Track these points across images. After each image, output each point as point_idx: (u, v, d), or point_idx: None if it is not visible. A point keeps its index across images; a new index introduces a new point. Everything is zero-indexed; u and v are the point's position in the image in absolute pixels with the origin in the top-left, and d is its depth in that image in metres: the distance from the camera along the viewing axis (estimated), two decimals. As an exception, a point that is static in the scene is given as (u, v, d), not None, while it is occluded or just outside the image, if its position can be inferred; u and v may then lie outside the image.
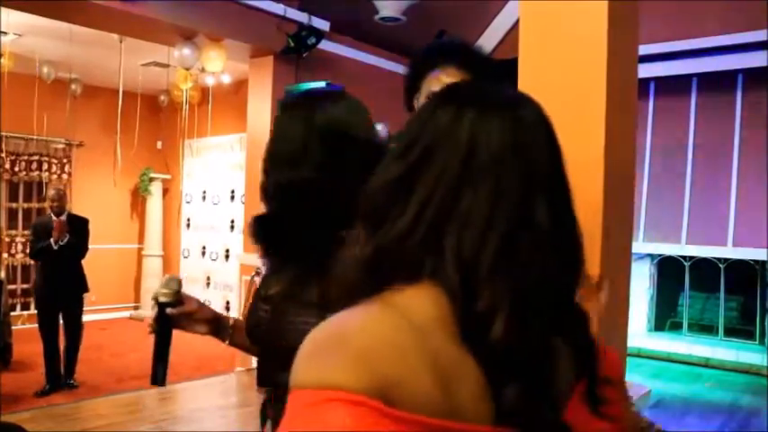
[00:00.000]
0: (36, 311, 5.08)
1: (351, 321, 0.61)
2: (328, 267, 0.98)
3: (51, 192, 5.16)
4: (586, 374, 0.69)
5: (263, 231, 1.18)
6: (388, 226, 0.66)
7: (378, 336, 0.59)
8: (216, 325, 1.37)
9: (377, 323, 0.61)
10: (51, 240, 4.81)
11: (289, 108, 1.22)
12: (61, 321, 4.99)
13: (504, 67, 1.94)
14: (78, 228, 5.00)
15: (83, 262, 5.10)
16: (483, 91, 0.73)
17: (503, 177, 0.65)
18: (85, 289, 5.10)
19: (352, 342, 0.58)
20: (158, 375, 1.32)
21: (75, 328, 5.00)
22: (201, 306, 1.35)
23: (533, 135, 0.69)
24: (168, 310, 1.30)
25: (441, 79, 1.62)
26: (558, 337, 0.66)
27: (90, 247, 5.19)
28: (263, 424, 1.28)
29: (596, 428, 0.69)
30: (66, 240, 4.86)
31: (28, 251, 5.78)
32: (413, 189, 0.66)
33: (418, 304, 0.63)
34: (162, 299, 1.30)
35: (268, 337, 1.18)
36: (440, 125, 0.68)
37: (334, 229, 0.97)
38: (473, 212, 0.64)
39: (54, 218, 4.95)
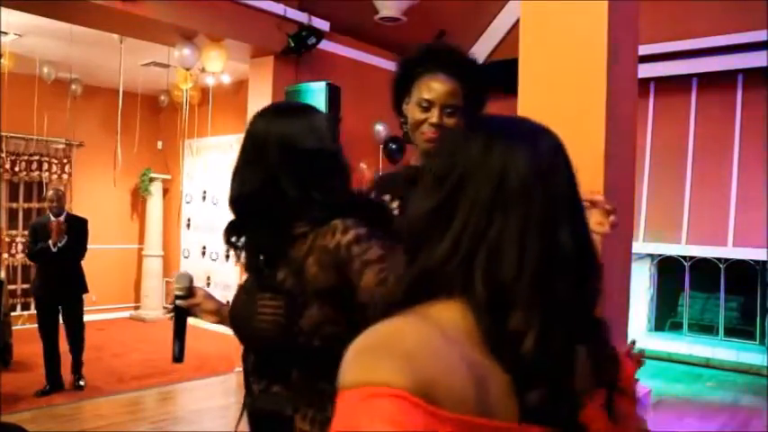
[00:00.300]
0: (36, 312, 5.07)
1: (392, 329, 0.68)
2: (285, 259, 1.27)
3: (50, 192, 5.14)
4: (605, 383, 0.76)
5: (227, 234, 1.36)
6: (429, 251, 0.73)
7: (418, 340, 0.66)
8: (220, 315, 1.53)
9: (415, 330, 0.68)
10: (50, 242, 4.81)
11: (252, 123, 1.35)
12: (62, 322, 4.99)
13: (492, 73, 1.95)
14: (77, 228, 4.99)
15: (82, 262, 5.09)
16: (508, 122, 0.81)
17: (531, 203, 0.72)
18: (85, 290, 5.09)
19: (396, 346, 0.65)
20: (175, 353, 1.55)
21: (76, 329, 4.98)
22: (206, 298, 1.54)
23: (555, 162, 0.76)
24: (178, 302, 1.52)
25: (430, 85, 1.66)
26: (580, 347, 0.73)
27: (90, 247, 5.18)
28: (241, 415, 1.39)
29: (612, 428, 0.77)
30: (64, 242, 4.85)
31: (26, 252, 5.77)
32: (450, 216, 0.73)
33: (448, 317, 0.70)
34: (175, 292, 1.54)
35: (238, 321, 1.37)
36: (472, 156, 0.74)
37: (286, 226, 1.26)
38: (504, 236, 0.70)
39: (52, 219, 4.94)
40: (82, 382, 5.01)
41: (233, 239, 1.35)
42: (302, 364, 1.26)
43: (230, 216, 1.37)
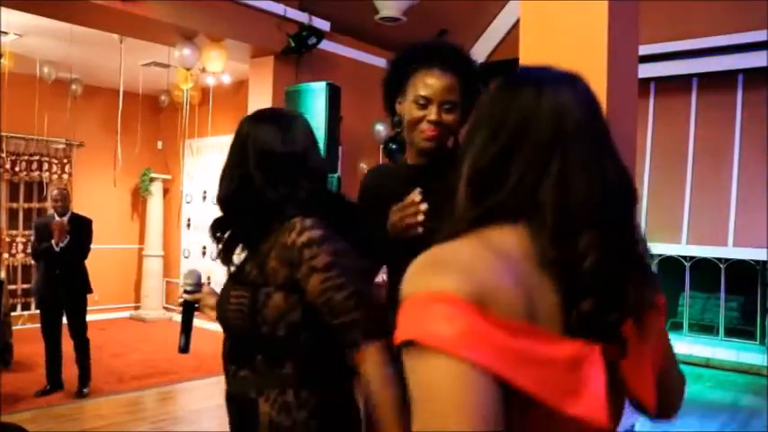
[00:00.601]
0: (39, 312, 5.03)
1: (452, 247, 0.79)
2: (255, 253, 1.38)
3: (55, 192, 5.10)
4: (646, 302, 0.84)
5: (213, 230, 1.48)
6: (498, 187, 0.82)
7: (475, 256, 0.76)
8: None
9: (474, 248, 0.78)
10: (53, 242, 4.80)
11: (239, 126, 1.46)
12: (65, 322, 4.97)
13: (488, 70, 1.96)
14: (81, 228, 4.96)
15: (85, 262, 5.08)
16: (544, 70, 0.89)
17: (585, 138, 0.82)
18: (88, 290, 5.06)
19: (455, 261, 0.75)
20: (181, 345, 1.66)
21: (80, 332, 4.92)
22: (210, 294, 1.64)
23: (594, 101, 0.86)
24: (186, 296, 1.66)
25: (426, 81, 1.61)
26: (628, 265, 0.82)
27: (91, 247, 5.17)
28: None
29: (644, 349, 0.85)
30: (66, 242, 4.84)
31: (30, 251, 5.75)
32: (513, 160, 0.82)
33: (504, 240, 0.80)
34: (185, 287, 1.67)
35: (217, 310, 1.46)
36: (525, 103, 0.83)
37: (264, 224, 1.36)
38: (567, 169, 0.80)
39: (56, 218, 4.92)
40: (86, 390, 4.93)
41: (218, 234, 1.46)
42: (266, 350, 1.34)
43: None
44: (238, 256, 1.46)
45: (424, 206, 1.51)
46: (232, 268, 1.44)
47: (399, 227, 1.57)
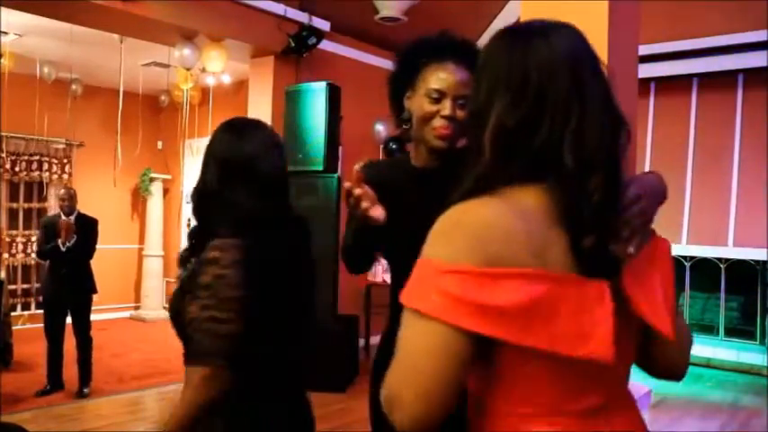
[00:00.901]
0: (42, 312, 5.01)
1: (473, 208, 0.85)
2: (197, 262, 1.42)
3: (62, 191, 5.09)
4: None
5: (189, 232, 1.55)
6: (522, 151, 0.87)
7: (490, 220, 0.83)
8: None
9: (494, 209, 0.84)
10: (59, 241, 4.79)
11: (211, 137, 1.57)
12: (68, 321, 4.95)
13: None
14: (87, 228, 4.95)
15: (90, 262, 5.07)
16: (544, 21, 0.94)
17: (596, 85, 0.87)
18: (94, 289, 5.06)
19: (472, 223, 0.83)
20: None
21: (85, 331, 4.91)
22: None
23: (591, 48, 0.91)
24: None
25: (439, 75, 1.54)
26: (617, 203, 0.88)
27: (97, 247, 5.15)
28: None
29: (653, 280, 0.93)
30: (73, 242, 4.83)
31: (35, 249, 5.73)
32: (540, 119, 0.86)
33: (524, 197, 0.87)
34: None
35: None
36: (542, 58, 0.87)
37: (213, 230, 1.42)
38: (584, 119, 0.85)
39: (63, 217, 4.91)
40: (86, 390, 4.91)
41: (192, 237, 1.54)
42: (187, 350, 1.39)
43: None
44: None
45: (357, 191, 1.41)
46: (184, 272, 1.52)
47: (357, 215, 1.47)
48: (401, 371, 0.81)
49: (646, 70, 5.26)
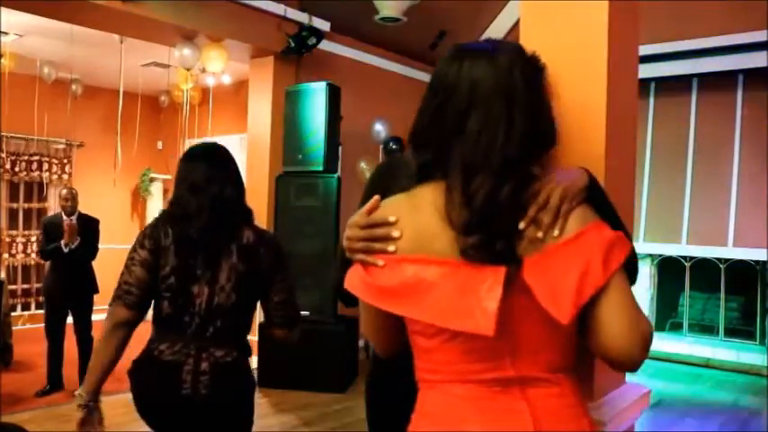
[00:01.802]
0: (44, 312, 5.01)
1: (383, 205, 1.07)
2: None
3: (64, 191, 5.08)
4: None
5: None
6: (425, 150, 1.05)
7: (388, 209, 1.06)
8: None
9: (389, 205, 1.07)
10: (62, 242, 4.78)
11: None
12: (69, 321, 4.95)
13: None
14: (89, 228, 4.94)
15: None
16: (478, 45, 1.06)
17: (496, 103, 0.99)
18: (96, 290, 5.05)
19: (378, 212, 1.06)
20: None
21: (86, 332, 4.90)
22: None
23: (519, 71, 1.01)
24: None
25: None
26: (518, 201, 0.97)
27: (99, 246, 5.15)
28: None
29: (561, 267, 0.98)
30: (76, 243, 4.81)
31: (38, 250, 5.72)
32: (440, 123, 1.02)
33: (424, 194, 1.04)
34: None
35: None
36: (451, 75, 1.02)
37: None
38: (480, 131, 0.98)
39: (65, 218, 4.90)
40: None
41: None
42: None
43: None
44: None
45: (396, 233, 1.04)
46: None
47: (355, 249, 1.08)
48: (361, 322, 1.17)
49: (646, 70, 5.26)
